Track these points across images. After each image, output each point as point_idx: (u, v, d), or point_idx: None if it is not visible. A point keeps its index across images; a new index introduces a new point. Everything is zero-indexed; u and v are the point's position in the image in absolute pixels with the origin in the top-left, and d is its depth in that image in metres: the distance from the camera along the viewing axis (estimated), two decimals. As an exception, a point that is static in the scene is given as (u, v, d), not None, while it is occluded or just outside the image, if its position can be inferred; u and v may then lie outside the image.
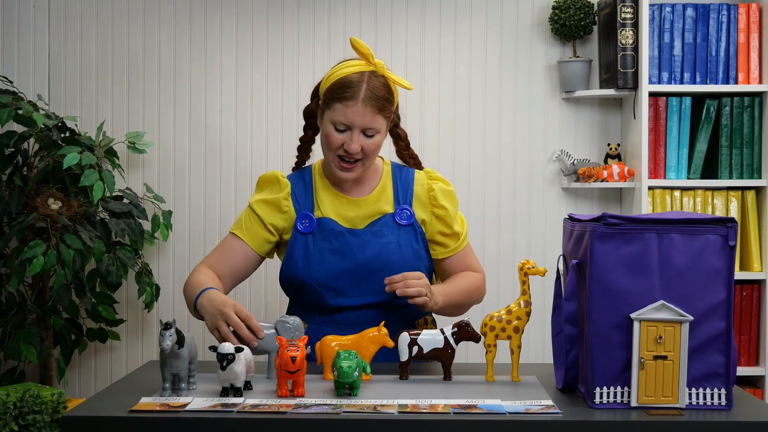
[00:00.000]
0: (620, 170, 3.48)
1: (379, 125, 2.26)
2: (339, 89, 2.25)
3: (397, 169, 2.42)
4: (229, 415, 1.66)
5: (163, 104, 3.67)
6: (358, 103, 2.22)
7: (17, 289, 3.29)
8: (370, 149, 2.27)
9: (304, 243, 2.30)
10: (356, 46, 2.29)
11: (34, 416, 1.71)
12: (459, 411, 1.68)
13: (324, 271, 2.28)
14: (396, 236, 2.31)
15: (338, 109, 2.24)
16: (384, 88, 2.27)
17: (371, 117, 2.23)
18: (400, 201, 2.35)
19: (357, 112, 2.23)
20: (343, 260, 2.28)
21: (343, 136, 2.25)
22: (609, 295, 1.73)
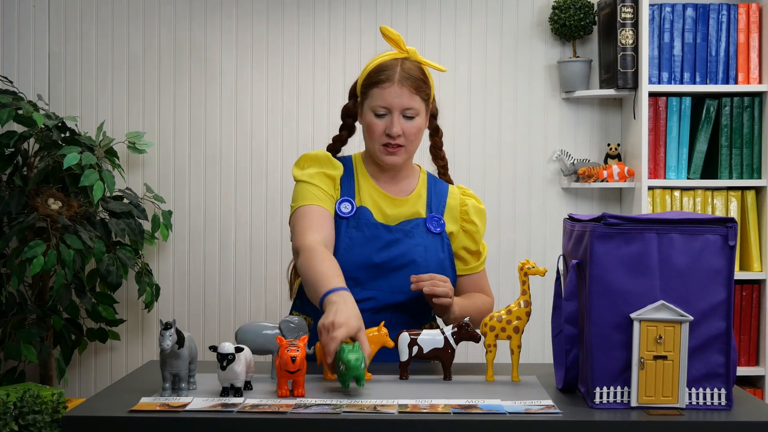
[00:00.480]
0: (620, 170, 3.48)
1: (417, 106, 2.27)
2: (374, 74, 2.29)
3: (432, 179, 2.44)
4: (229, 415, 1.66)
5: (163, 104, 3.67)
6: (394, 84, 2.25)
7: (17, 289, 3.29)
8: (411, 132, 2.28)
9: (339, 226, 2.30)
10: (387, 33, 2.32)
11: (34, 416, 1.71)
12: (459, 411, 1.68)
13: (349, 259, 2.27)
14: (425, 241, 2.32)
15: (376, 94, 2.27)
16: (418, 69, 2.30)
17: (409, 97, 2.26)
18: (433, 209, 2.37)
19: (394, 93, 2.25)
20: (370, 252, 2.28)
21: (384, 121, 2.27)
22: (609, 295, 1.73)
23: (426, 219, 2.34)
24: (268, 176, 3.67)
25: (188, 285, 3.67)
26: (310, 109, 3.67)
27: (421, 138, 2.35)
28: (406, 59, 2.32)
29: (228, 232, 3.67)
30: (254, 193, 3.65)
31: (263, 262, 3.67)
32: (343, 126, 2.46)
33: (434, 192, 2.40)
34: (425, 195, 2.38)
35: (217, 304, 3.67)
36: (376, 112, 2.27)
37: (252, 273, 3.67)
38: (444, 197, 2.39)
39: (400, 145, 2.28)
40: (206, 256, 3.67)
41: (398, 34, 2.33)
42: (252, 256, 3.67)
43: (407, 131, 2.27)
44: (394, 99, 2.25)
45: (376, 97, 2.27)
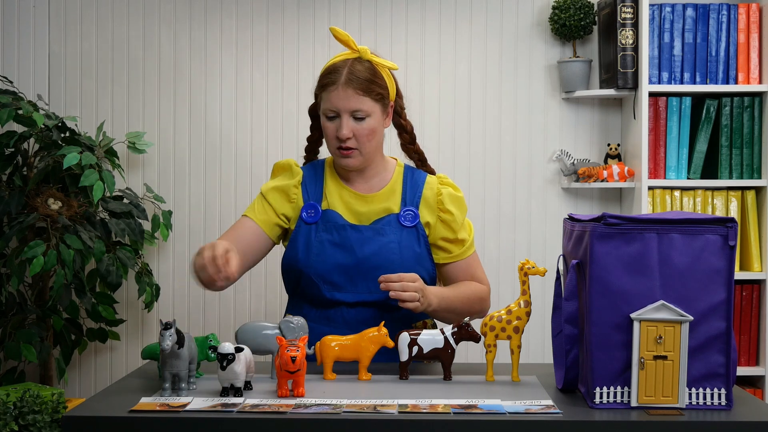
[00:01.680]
0: (620, 170, 3.48)
1: (367, 108, 2.25)
2: (323, 78, 2.30)
3: (409, 171, 2.41)
4: (229, 415, 1.66)
5: (163, 104, 3.67)
6: (339, 87, 2.24)
7: (17, 289, 3.29)
8: (362, 133, 2.27)
9: (307, 233, 2.31)
10: (336, 35, 2.31)
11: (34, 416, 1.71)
12: (459, 411, 1.68)
13: (322, 262, 2.28)
14: (398, 236, 2.30)
15: (325, 98, 2.28)
16: (367, 70, 2.27)
17: (355, 99, 2.24)
18: (407, 202, 2.35)
19: (339, 96, 2.24)
20: (343, 254, 2.28)
21: (335, 124, 2.27)
22: (609, 295, 1.73)
23: (399, 214, 2.33)
24: (268, 176, 3.66)
25: (188, 285, 3.67)
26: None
27: (380, 137, 2.33)
28: (357, 59, 2.29)
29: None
30: (254, 192, 3.65)
31: (263, 262, 3.66)
32: (313, 126, 2.46)
33: (410, 184, 2.37)
34: (400, 189, 2.36)
35: (217, 304, 3.67)
36: (326, 115, 2.29)
37: (252, 273, 3.67)
38: (420, 188, 2.36)
39: (352, 147, 2.28)
40: (206, 256, 3.67)
41: (347, 34, 2.31)
42: (252, 256, 3.67)
43: (358, 133, 2.27)
44: (340, 101, 2.25)
45: (325, 101, 2.28)
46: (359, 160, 2.30)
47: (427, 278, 2.34)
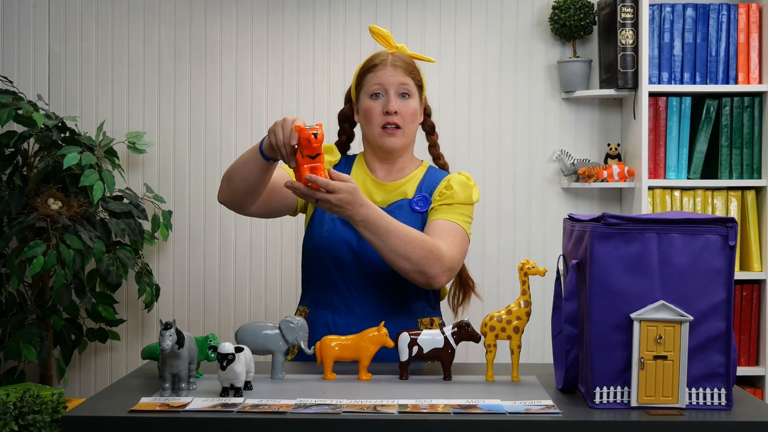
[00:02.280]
0: (620, 170, 3.48)
1: (411, 87, 2.35)
2: (367, 63, 2.39)
3: (432, 169, 2.47)
4: (229, 415, 1.66)
5: (163, 104, 3.67)
6: (387, 66, 2.34)
7: (17, 289, 3.29)
8: (408, 111, 2.34)
9: (322, 211, 2.34)
10: (376, 31, 2.41)
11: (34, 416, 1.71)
12: (459, 411, 1.68)
13: (331, 239, 2.32)
14: (407, 220, 2.30)
15: (370, 79, 2.35)
16: (408, 58, 2.39)
17: (402, 77, 2.34)
18: (422, 190, 2.38)
19: (388, 72, 2.34)
20: (350, 230, 2.30)
21: (380, 102, 2.33)
22: (609, 295, 1.73)
23: (412, 199, 2.36)
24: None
25: (188, 285, 3.67)
26: (310, 109, 3.67)
27: (418, 125, 2.40)
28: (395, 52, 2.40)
29: (228, 232, 3.67)
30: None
31: (263, 262, 3.67)
32: (341, 131, 2.51)
33: (429, 179, 2.41)
34: (419, 179, 2.40)
35: (217, 304, 3.67)
36: (372, 93, 2.35)
37: (252, 273, 3.68)
38: (436, 182, 2.39)
39: (398, 126, 2.33)
40: (206, 256, 3.67)
41: (387, 32, 2.41)
42: (252, 256, 3.67)
43: (403, 111, 2.34)
44: (389, 78, 2.33)
45: (371, 81, 2.35)
46: (402, 140, 2.36)
47: None
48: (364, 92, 2.37)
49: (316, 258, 2.34)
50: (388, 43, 2.40)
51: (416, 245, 2.17)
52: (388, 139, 2.34)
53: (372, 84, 2.35)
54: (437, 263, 2.20)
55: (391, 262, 2.18)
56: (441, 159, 2.52)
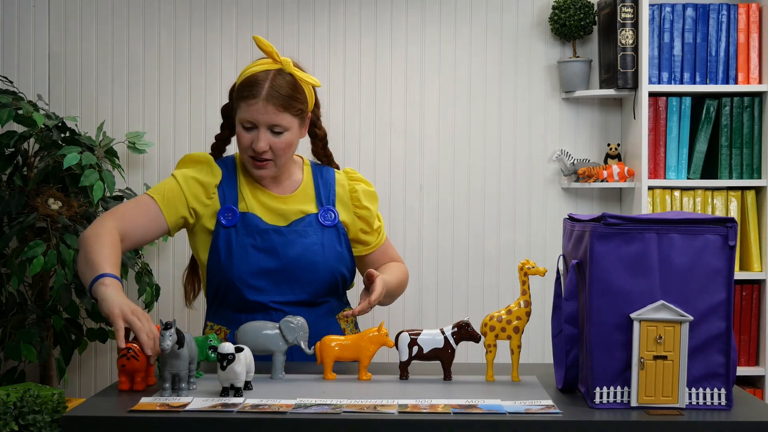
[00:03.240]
0: (620, 170, 3.48)
1: (286, 123, 2.24)
2: (243, 88, 2.26)
3: (316, 168, 2.42)
4: (229, 415, 1.66)
5: (163, 104, 3.67)
6: (260, 101, 2.22)
7: (17, 289, 3.29)
8: (279, 147, 2.26)
9: (227, 237, 2.28)
10: (259, 44, 2.28)
11: (34, 416, 1.71)
12: (459, 411, 1.68)
13: (245, 267, 2.27)
14: (320, 237, 2.31)
15: (243, 108, 2.25)
16: (289, 85, 2.26)
17: (275, 114, 2.23)
18: (323, 202, 2.36)
19: (259, 110, 2.22)
20: (267, 258, 2.28)
21: (251, 135, 2.25)
22: (609, 295, 1.73)
23: (318, 214, 2.34)
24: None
25: (188, 285, 3.67)
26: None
27: (295, 148, 2.32)
28: (279, 72, 2.27)
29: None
30: (254, 193, 3.65)
31: (263, 262, 3.67)
32: (225, 125, 2.44)
33: (321, 183, 2.38)
34: (312, 189, 2.37)
35: (217, 304, 3.67)
36: (243, 125, 2.26)
37: (252, 273, 3.68)
38: (332, 186, 2.38)
39: (268, 159, 2.27)
40: (206, 256, 3.67)
41: (271, 45, 2.29)
42: (252, 256, 3.67)
43: (275, 146, 2.26)
44: (260, 116, 2.23)
45: (243, 111, 2.25)
46: (273, 171, 2.30)
47: (347, 274, 2.38)
48: (238, 116, 2.28)
49: (233, 286, 2.28)
50: (272, 57, 2.28)
51: (404, 281, 2.44)
52: (257, 171, 2.29)
53: (243, 116, 2.25)
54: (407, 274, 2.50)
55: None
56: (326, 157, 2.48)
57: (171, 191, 2.29)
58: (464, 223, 3.67)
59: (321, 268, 2.29)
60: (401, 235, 3.66)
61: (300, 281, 2.29)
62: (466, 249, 3.67)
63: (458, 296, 3.67)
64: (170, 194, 2.29)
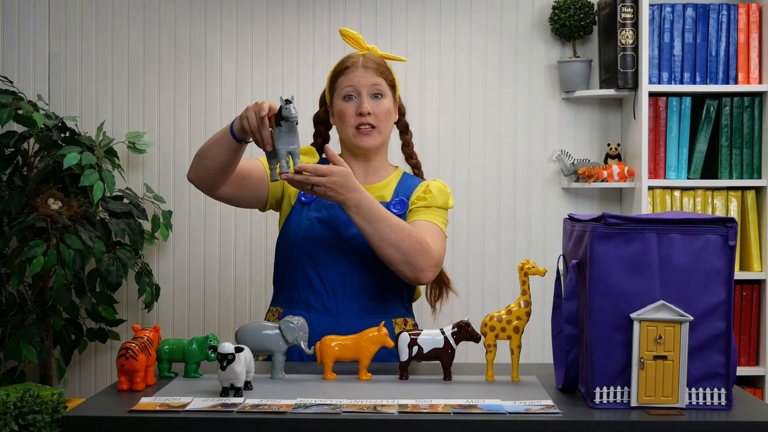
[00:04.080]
0: (620, 170, 3.48)
1: (384, 88, 2.36)
2: (339, 67, 2.40)
3: (407, 175, 2.48)
4: (229, 415, 1.66)
5: (163, 104, 3.67)
6: (359, 68, 2.36)
7: (17, 289, 3.29)
8: (381, 111, 2.35)
9: (300, 212, 2.37)
10: (346, 33, 2.43)
11: (34, 416, 1.71)
12: (459, 411, 1.68)
13: (307, 238, 2.33)
14: None
15: (343, 81, 2.36)
16: (379, 58, 2.41)
17: (374, 77, 2.35)
18: (400, 194, 2.40)
19: (359, 74, 2.35)
20: (328, 231, 2.33)
21: (354, 103, 2.35)
22: (609, 295, 1.73)
23: (390, 202, 2.37)
24: (268, 176, 3.67)
25: (188, 285, 3.67)
26: (309, 109, 3.66)
27: (392, 125, 2.41)
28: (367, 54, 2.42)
29: (228, 232, 3.67)
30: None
31: (263, 262, 3.67)
32: (316, 133, 2.52)
33: (404, 184, 2.43)
34: (395, 184, 2.42)
35: (217, 304, 3.67)
36: (345, 95, 2.36)
37: (252, 273, 3.68)
38: (412, 188, 2.42)
39: (372, 125, 2.34)
40: (206, 256, 3.67)
41: (357, 34, 2.43)
42: (252, 256, 3.67)
43: (377, 110, 2.34)
44: (361, 79, 2.35)
45: (344, 84, 2.36)
46: (377, 139, 2.37)
47: None
48: (337, 95, 2.38)
49: (292, 258, 2.35)
50: (359, 44, 2.42)
51: (406, 235, 2.19)
52: (364, 139, 2.36)
53: (344, 86, 2.36)
54: (425, 256, 2.22)
55: (381, 250, 2.19)
56: (413, 158, 2.53)
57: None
58: (464, 223, 3.67)
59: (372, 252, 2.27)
60: (401, 235, 3.66)
61: (356, 260, 2.31)
62: (466, 249, 3.67)
63: (458, 296, 3.67)
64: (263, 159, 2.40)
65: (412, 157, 2.53)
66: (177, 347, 1.98)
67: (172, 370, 2.01)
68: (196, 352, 1.97)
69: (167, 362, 1.98)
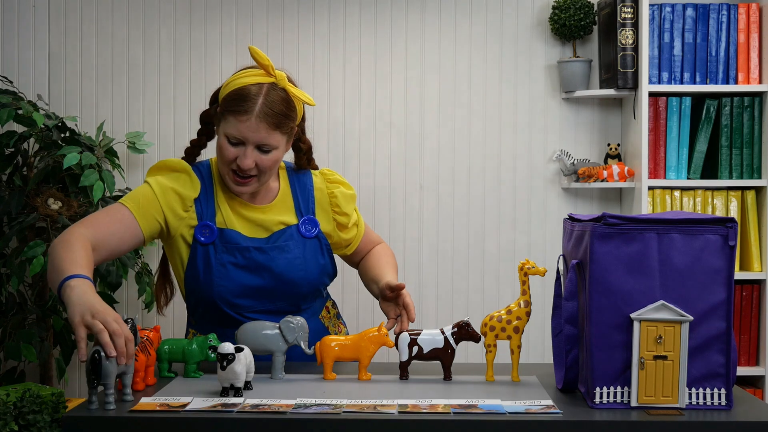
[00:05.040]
0: (620, 170, 3.48)
1: (275, 141, 2.13)
2: (234, 101, 2.12)
3: (292, 173, 2.32)
4: (229, 415, 1.66)
5: (163, 104, 3.67)
6: (252, 119, 2.09)
7: (17, 289, 3.29)
8: (266, 165, 2.14)
9: (205, 254, 2.19)
10: (255, 56, 2.16)
11: (34, 416, 1.71)
12: (459, 411, 1.68)
13: (227, 285, 2.19)
14: (301, 251, 2.24)
15: (231, 122, 2.11)
16: (283, 102, 2.13)
17: (266, 133, 2.11)
18: (303, 211, 2.27)
19: (250, 128, 2.10)
20: (249, 276, 2.20)
21: (236, 150, 2.13)
22: (609, 295, 1.73)
23: (298, 225, 2.25)
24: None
25: (188, 285, 3.67)
26: (308, 109, 3.66)
27: (279, 163, 2.20)
28: (273, 86, 2.14)
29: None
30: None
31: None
32: (202, 131, 2.31)
33: (299, 189, 2.29)
34: (291, 197, 2.28)
35: (217, 304, 3.67)
36: (229, 139, 2.12)
37: (252, 273, 3.67)
38: (310, 192, 2.29)
39: (252, 174, 2.15)
40: (206, 256, 3.67)
41: (267, 58, 2.15)
42: (252, 256, 3.67)
43: (261, 164, 2.14)
44: (250, 134, 2.10)
45: (232, 126, 2.11)
46: (255, 187, 2.19)
47: (328, 281, 2.34)
48: (223, 128, 2.13)
49: (212, 303, 2.20)
50: (266, 71, 2.15)
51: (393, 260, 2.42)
52: (238, 188, 2.17)
53: (231, 130, 2.11)
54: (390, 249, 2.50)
55: None
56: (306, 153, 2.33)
57: (146, 199, 2.16)
58: (464, 223, 3.67)
59: (304, 283, 2.23)
60: (401, 235, 3.66)
61: (283, 296, 2.23)
62: (466, 249, 3.67)
63: (458, 296, 3.67)
64: (145, 202, 2.16)
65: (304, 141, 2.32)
66: (177, 347, 1.98)
67: (172, 370, 2.01)
68: (196, 352, 1.97)
69: (167, 362, 1.98)
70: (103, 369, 1.67)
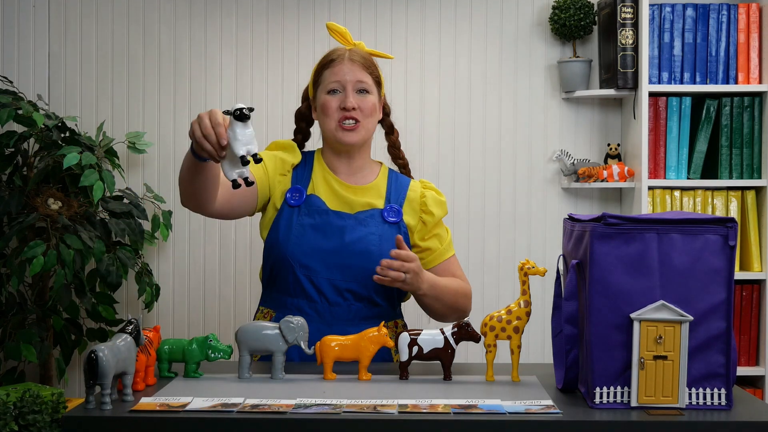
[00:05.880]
0: (620, 170, 3.48)
1: (369, 83, 2.33)
2: (325, 59, 2.36)
3: (393, 174, 2.44)
4: (229, 415, 1.66)
5: (163, 104, 3.67)
6: (345, 62, 2.32)
7: (17, 289, 3.29)
8: (366, 106, 2.32)
9: (289, 216, 2.31)
10: (333, 28, 2.39)
11: (34, 416, 1.71)
12: (459, 411, 1.68)
13: (299, 245, 2.28)
14: (379, 230, 2.31)
15: (328, 75, 2.33)
16: (367, 54, 2.37)
17: (360, 72, 2.32)
18: (391, 200, 2.37)
19: (345, 69, 2.31)
20: (322, 239, 2.29)
21: (338, 97, 2.31)
22: (609, 295, 1.73)
23: (383, 210, 2.34)
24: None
25: (188, 285, 3.67)
26: (310, 109, 3.67)
27: (376, 122, 2.38)
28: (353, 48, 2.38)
29: (228, 232, 3.67)
30: (254, 193, 3.65)
31: (263, 262, 3.67)
32: (297, 130, 2.49)
33: (394, 185, 2.40)
34: (384, 187, 2.38)
35: (217, 304, 3.67)
36: (329, 89, 2.32)
37: (252, 273, 3.68)
38: (404, 190, 2.39)
39: (357, 120, 2.31)
40: (206, 256, 3.67)
41: (344, 29, 2.40)
42: (252, 256, 3.67)
43: (361, 106, 2.31)
44: (346, 74, 2.31)
45: (329, 77, 2.32)
46: (361, 134, 2.33)
47: None
48: (322, 88, 2.34)
49: (284, 264, 2.29)
50: (345, 40, 2.38)
51: (460, 296, 2.36)
52: (346, 135, 2.31)
53: (329, 80, 2.32)
54: (470, 298, 2.41)
55: (444, 316, 2.36)
56: (401, 158, 2.49)
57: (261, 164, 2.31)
58: (464, 223, 3.67)
59: (375, 259, 2.23)
60: (401, 235, 3.66)
61: (352, 268, 2.27)
62: (466, 249, 3.67)
63: (458, 296, 3.67)
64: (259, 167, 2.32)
65: (400, 157, 2.49)
66: (177, 347, 1.98)
67: (172, 370, 2.01)
68: (196, 352, 1.97)
69: (167, 362, 1.98)
70: (99, 369, 1.67)
